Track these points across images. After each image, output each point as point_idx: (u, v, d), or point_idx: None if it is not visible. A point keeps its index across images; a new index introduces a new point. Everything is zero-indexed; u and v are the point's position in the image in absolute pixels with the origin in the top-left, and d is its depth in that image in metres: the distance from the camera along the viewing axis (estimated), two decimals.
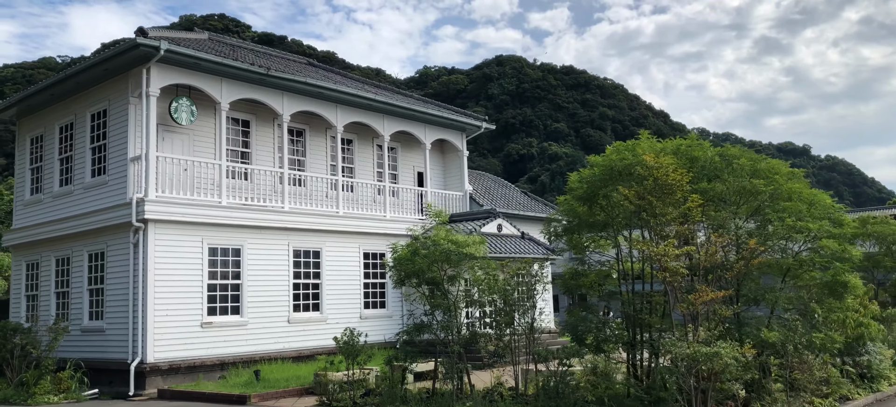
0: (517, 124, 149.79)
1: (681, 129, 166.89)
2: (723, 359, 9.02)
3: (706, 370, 9.38)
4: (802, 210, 11.24)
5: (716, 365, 9.07)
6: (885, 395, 12.56)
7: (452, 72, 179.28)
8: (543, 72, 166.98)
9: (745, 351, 9.70)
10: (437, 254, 12.41)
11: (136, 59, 17.56)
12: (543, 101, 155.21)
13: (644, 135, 12.38)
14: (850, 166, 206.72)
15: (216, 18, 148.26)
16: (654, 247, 9.97)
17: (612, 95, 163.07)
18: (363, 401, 13.26)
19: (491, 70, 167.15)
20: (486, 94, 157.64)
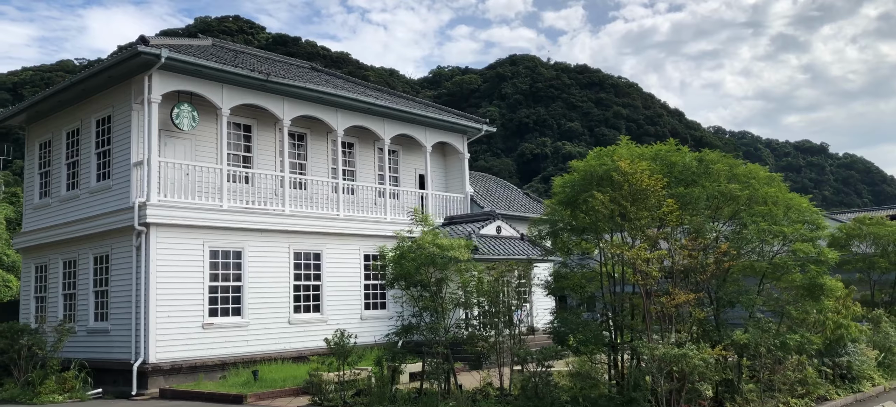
0: (531, 124, 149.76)
1: (696, 128, 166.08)
2: (691, 360, 9.25)
3: (677, 371, 9.62)
4: (778, 214, 11.42)
5: (685, 366, 9.30)
6: (865, 395, 12.70)
7: (466, 72, 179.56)
8: (557, 71, 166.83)
9: (716, 352, 9.92)
10: (422, 257, 12.72)
11: (138, 67, 18.00)
12: (557, 101, 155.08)
13: (624, 140, 12.62)
14: (869, 164, 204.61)
15: (231, 20, 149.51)
16: (627, 250, 10.21)
17: (626, 94, 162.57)
18: (354, 400, 13.59)
19: (504, 70, 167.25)
20: (499, 93, 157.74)
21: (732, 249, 11.11)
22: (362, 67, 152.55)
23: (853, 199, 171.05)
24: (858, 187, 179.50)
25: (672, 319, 10.36)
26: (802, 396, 11.45)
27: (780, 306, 11.47)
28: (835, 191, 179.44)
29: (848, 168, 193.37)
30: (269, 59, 25.70)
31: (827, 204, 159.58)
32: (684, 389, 9.69)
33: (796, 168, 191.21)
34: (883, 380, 14.07)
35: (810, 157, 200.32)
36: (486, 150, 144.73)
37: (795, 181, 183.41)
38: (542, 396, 10.83)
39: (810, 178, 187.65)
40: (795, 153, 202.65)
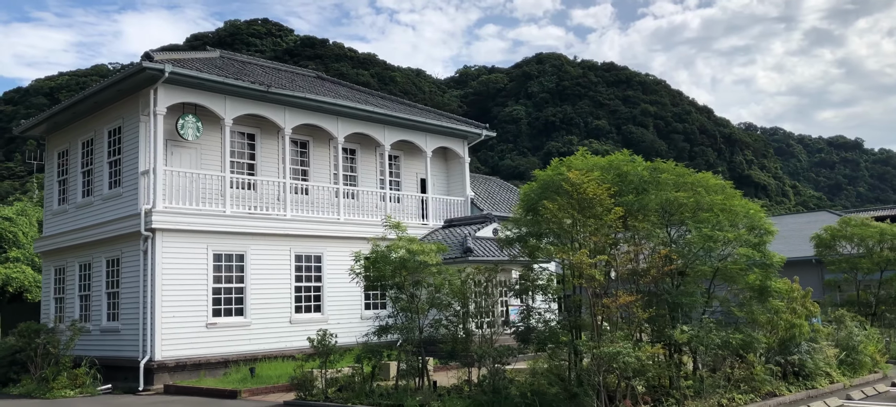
0: (557, 122, 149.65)
1: (725, 125, 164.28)
2: (625, 358, 9.94)
3: (617, 368, 10.32)
4: (723, 221, 12.01)
5: (620, 364, 10.00)
6: (818, 392, 13.18)
7: (492, 71, 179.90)
8: (584, 69, 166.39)
9: (655, 351, 10.58)
10: (395, 261, 13.55)
11: (145, 81, 19.12)
12: (584, 99, 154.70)
13: (581, 151, 13.30)
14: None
15: (260, 23, 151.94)
16: (573, 255, 10.92)
17: (654, 91, 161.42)
18: (336, 395, 14.49)
19: (531, 68, 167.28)
20: (526, 92, 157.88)
21: (674, 254, 11.74)
22: (389, 68, 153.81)
23: (889, 195, 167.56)
24: (895, 183, 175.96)
25: (619, 320, 11.03)
26: (747, 393, 12.02)
27: (728, 308, 12.06)
28: (870, 187, 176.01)
29: (884, 164, 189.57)
30: (275, 70, 26.75)
31: (861, 200, 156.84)
32: (621, 386, 10.38)
33: (830, 164, 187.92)
34: (843, 378, 14.53)
35: (844, 153, 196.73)
36: (513, 148, 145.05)
37: (829, 178, 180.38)
38: (498, 391, 11.61)
39: (844, 174, 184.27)
40: (829, 149, 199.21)
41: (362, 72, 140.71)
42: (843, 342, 15.46)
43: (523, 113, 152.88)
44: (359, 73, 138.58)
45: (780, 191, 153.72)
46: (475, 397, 11.99)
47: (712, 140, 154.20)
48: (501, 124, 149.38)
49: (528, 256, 13.56)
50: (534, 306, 13.01)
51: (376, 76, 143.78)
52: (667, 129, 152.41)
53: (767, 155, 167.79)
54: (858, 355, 15.36)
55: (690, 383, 11.21)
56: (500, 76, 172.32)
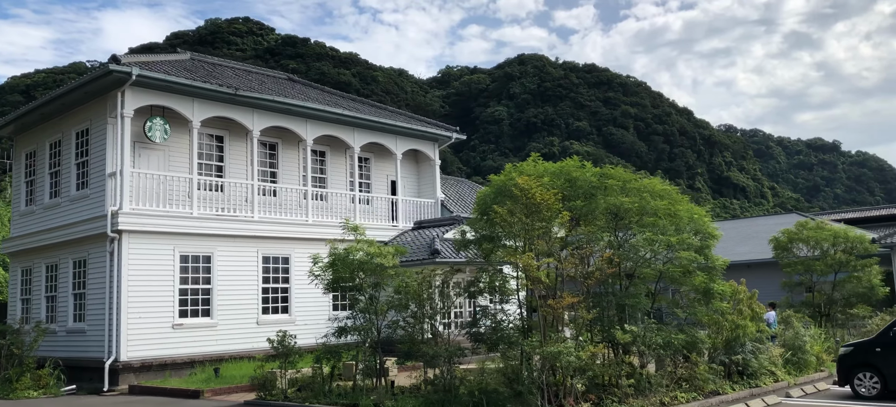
0: (539, 123, 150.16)
1: (705, 127, 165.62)
2: (566, 357, 10.29)
3: (560, 367, 10.67)
4: (666, 225, 12.40)
5: (561, 363, 10.34)
6: (761, 391, 13.61)
7: (474, 71, 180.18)
8: (565, 70, 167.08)
9: (597, 350, 10.95)
10: (353, 263, 13.83)
11: (112, 84, 19.24)
12: (565, 100, 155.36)
13: (533, 157, 13.64)
14: (882, 162, 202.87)
15: (241, 22, 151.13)
16: (519, 257, 11.26)
17: (635, 93, 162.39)
18: (295, 395, 14.74)
19: (513, 69, 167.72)
20: (507, 93, 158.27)
21: (617, 257, 12.12)
22: (371, 68, 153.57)
23: (866, 197, 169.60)
24: (871, 185, 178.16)
25: (565, 320, 11.37)
26: (691, 391, 12.41)
27: (672, 309, 12.45)
28: (847, 189, 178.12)
29: (860, 166, 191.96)
30: (247, 72, 26.90)
31: (839, 202, 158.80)
32: (565, 384, 10.73)
33: (808, 166, 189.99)
34: (788, 376, 14.98)
35: (822, 155, 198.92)
36: (494, 149, 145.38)
37: (807, 179, 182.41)
38: (449, 391, 11.93)
39: (822, 176, 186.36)
40: (807, 151, 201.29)
41: (344, 71, 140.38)
42: (790, 342, 15.93)
43: (505, 114, 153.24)
44: (340, 73, 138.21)
45: (759, 192, 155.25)
46: (428, 396, 12.30)
47: (692, 142, 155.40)
48: (483, 125, 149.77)
49: (483, 258, 13.88)
50: (488, 307, 13.32)
51: (358, 76, 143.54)
52: (647, 131, 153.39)
53: (746, 157, 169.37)
54: (804, 355, 15.82)
55: (632, 382, 11.57)
56: (483, 77, 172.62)
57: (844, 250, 20.68)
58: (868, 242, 21.06)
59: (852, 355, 13.67)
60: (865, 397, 13.33)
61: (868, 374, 13.34)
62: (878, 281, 20.22)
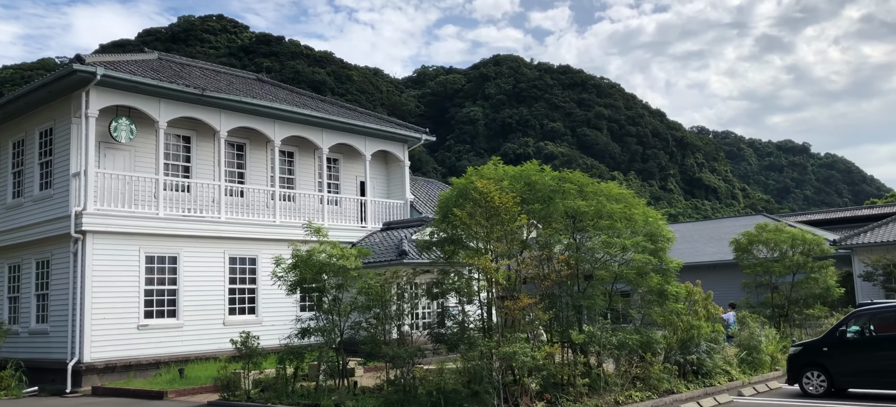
0: (514, 124, 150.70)
1: (677, 128, 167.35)
2: (521, 357, 10.52)
3: (515, 367, 10.90)
4: (621, 228, 12.69)
5: (517, 362, 10.57)
6: (715, 390, 13.97)
7: (450, 71, 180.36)
8: (540, 71, 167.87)
9: (553, 351, 11.19)
10: (315, 265, 13.94)
11: (76, 83, 19.12)
12: (540, 101, 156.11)
13: (493, 160, 13.87)
14: (850, 164, 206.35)
15: (214, 19, 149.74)
16: (477, 259, 11.47)
17: (608, 94, 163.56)
18: (258, 395, 14.82)
19: (488, 69, 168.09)
20: (483, 93, 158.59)
21: (572, 259, 12.38)
22: (346, 67, 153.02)
23: (834, 198, 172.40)
24: (839, 187, 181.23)
25: (522, 321, 11.60)
26: (645, 390, 12.70)
27: (626, 310, 12.74)
28: (816, 190, 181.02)
29: (829, 168, 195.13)
30: (215, 72, 26.83)
31: (808, 203, 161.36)
32: (521, 383, 10.95)
33: (778, 168, 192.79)
34: (743, 376, 15.37)
35: (792, 157, 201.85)
36: (470, 149, 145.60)
37: (777, 181, 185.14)
38: (408, 390, 12.11)
39: (792, 177, 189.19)
40: (778, 153, 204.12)
41: (318, 70, 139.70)
42: (745, 342, 16.33)
43: (480, 114, 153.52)
44: (315, 72, 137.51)
45: (730, 193, 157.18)
46: (388, 397, 12.46)
47: (665, 143, 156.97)
48: (458, 125, 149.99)
49: (445, 259, 14.06)
50: (450, 308, 13.51)
51: (333, 75, 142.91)
52: (620, 132, 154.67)
53: (718, 158, 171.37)
54: (759, 355, 16.22)
55: (587, 381, 11.83)
56: (458, 77, 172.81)
57: (802, 252, 21.18)
58: (825, 245, 21.60)
59: (801, 355, 14.09)
60: (813, 395, 13.74)
61: (816, 373, 13.76)
62: (833, 282, 20.76)
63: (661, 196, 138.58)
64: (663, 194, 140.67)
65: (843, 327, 13.91)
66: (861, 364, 13.37)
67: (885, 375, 13.05)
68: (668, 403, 12.45)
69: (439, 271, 13.88)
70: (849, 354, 13.51)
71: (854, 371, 13.44)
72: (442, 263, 14.07)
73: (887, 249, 31.98)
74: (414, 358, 12.57)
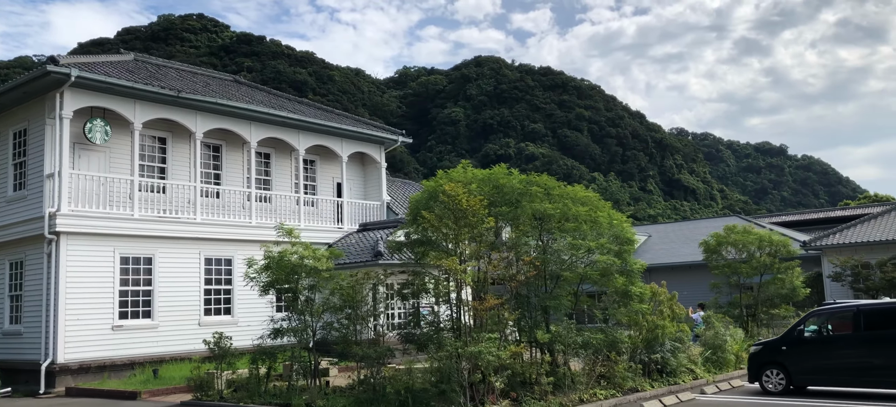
0: (495, 125, 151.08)
1: (656, 130, 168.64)
2: (486, 356, 10.79)
3: (481, 365, 11.17)
4: (586, 230, 13.01)
5: (482, 361, 10.84)
6: (679, 388, 14.33)
7: (432, 72, 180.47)
8: (521, 73, 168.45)
9: (519, 350, 11.48)
10: (287, 266, 14.13)
11: (51, 84, 19.15)
12: (521, 102, 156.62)
13: (462, 163, 14.14)
14: (826, 166, 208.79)
15: (194, 18, 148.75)
16: (444, 261, 11.73)
17: (589, 96, 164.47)
18: (231, 395, 14.97)
19: (469, 71, 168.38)
20: (464, 94, 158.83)
21: (538, 261, 12.68)
22: (328, 67, 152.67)
23: (811, 199, 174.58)
24: (816, 188, 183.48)
25: (488, 321, 11.88)
26: (610, 388, 13.03)
27: (591, 310, 13.07)
28: (793, 191, 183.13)
29: (806, 169, 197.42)
30: (192, 73, 26.86)
31: (785, 204, 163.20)
32: (486, 382, 11.23)
33: (756, 169, 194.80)
34: (707, 374, 15.77)
35: (770, 159, 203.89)
36: (451, 150, 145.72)
37: (755, 182, 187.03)
38: (377, 389, 12.35)
39: (770, 179, 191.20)
40: (756, 155, 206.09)
41: (300, 70, 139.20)
42: (711, 341, 16.73)
43: (462, 115, 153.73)
44: (296, 72, 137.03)
45: (709, 194, 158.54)
46: (357, 396, 12.69)
47: (644, 144, 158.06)
48: (440, 126, 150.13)
49: (416, 261, 14.30)
50: (420, 309, 13.74)
51: (314, 75, 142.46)
52: (600, 134, 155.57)
53: (696, 159, 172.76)
54: (724, 353, 16.62)
55: (552, 380, 12.12)
56: (440, 78, 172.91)
57: (769, 254, 21.65)
58: (791, 246, 22.08)
59: (761, 354, 14.50)
60: (772, 393, 14.15)
61: (775, 371, 14.17)
62: (799, 283, 21.24)
63: (641, 197, 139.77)
64: (643, 195, 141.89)
65: (800, 327, 14.34)
66: (817, 362, 13.80)
67: (838, 373, 13.51)
68: (631, 401, 12.77)
69: (410, 273, 14.11)
70: (806, 352, 13.94)
71: (811, 369, 13.87)
72: (413, 265, 14.30)
73: (855, 250, 32.71)
74: (383, 358, 12.80)
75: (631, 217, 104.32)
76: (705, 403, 13.32)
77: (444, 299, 13.85)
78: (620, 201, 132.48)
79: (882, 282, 31.22)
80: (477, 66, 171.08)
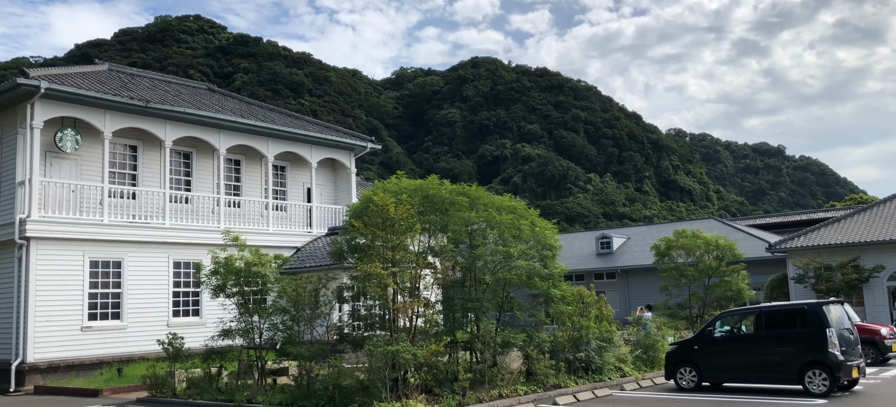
0: (491, 126, 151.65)
1: (653, 131, 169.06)
2: (403, 355, 11.66)
3: (402, 363, 12.04)
4: (508, 237, 13.85)
5: (400, 360, 11.72)
6: (603, 384, 15.18)
7: (429, 73, 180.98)
8: (518, 74, 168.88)
9: (437, 348, 12.35)
10: (233, 270, 15.00)
11: (22, 96, 20.04)
12: (517, 103, 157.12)
13: (398, 174, 14.98)
14: (824, 167, 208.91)
15: (191, 19, 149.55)
16: (369, 266, 12.59)
17: (585, 97, 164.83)
18: (183, 392, 15.86)
19: (466, 72, 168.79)
20: (461, 95, 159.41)
21: (459, 267, 13.54)
22: (324, 68, 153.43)
23: (808, 200, 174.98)
24: (813, 189, 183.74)
25: (415, 322, 12.75)
26: (531, 383, 13.86)
27: (512, 311, 13.93)
28: (791, 192, 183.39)
29: (803, 170, 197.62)
30: (165, 82, 27.74)
31: (783, 205, 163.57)
32: (405, 379, 12.09)
33: (754, 170, 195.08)
34: (637, 372, 16.61)
35: (768, 160, 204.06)
36: (448, 151, 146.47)
37: (753, 183, 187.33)
38: (310, 386, 13.23)
39: (767, 179, 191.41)
40: (753, 155, 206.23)
41: (296, 72, 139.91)
42: (643, 341, 17.57)
43: (458, 116, 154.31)
44: (293, 73, 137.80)
45: (705, 195, 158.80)
46: (292, 391, 13.57)
47: (640, 146, 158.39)
48: (437, 127, 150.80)
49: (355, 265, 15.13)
50: (359, 310, 14.60)
51: (311, 76, 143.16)
52: (597, 135, 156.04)
53: (693, 160, 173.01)
54: (656, 353, 17.47)
55: (470, 376, 12.98)
56: (436, 79, 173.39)
57: (716, 257, 22.47)
58: (736, 250, 22.89)
59: (676, 353, 15.36)
60: (685, 389, 15.00)
61: (688, 368, 15.02)
62: (744, 285, 22.05)
63: (637, 198, 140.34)
64: (639, 196, 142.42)
65: (710, 328, 15.21)
66: (725, 360, 14.67)
67: (743, 370, 14.41)
68: (549, 397, 13.60)
69: (350, 277, 14.97)
70: (715, 351, 14.80)
71: (719, 367, 14.74)
72: (351, 268, 15.14)
73: (818, 252, 33.53)
74: (317, 357, 13.67)
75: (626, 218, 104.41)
76: (619, 397, 14.17)
77: (376, 302, 14.73)
78: (616, 202, 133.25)
79: (841, 283, 32.08)
80: (473, 67, 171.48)
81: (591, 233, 58.36)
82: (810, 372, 13.37)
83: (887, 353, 19.12)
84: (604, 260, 49.30)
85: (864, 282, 32.15)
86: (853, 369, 13.38)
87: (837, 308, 14.38)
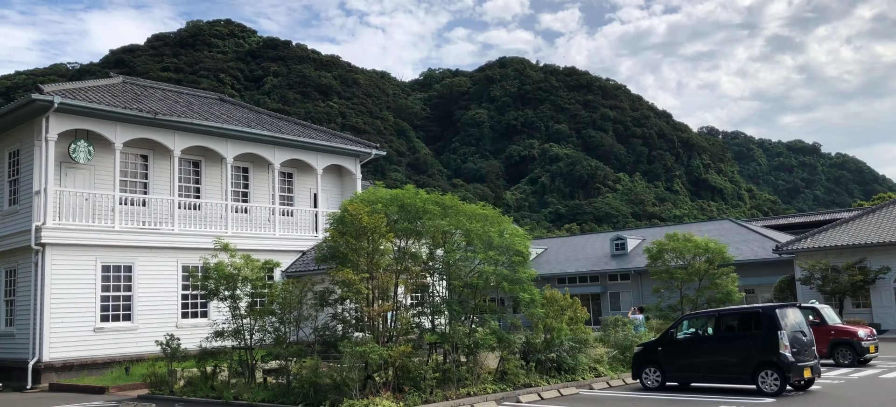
0: (519, 126, 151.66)
1: (683, 130, 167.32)
2: (370, 355, 12.44)
3: (371, 363, 12.84)
4: (478, 244, 14.52)
5: (368, 359, 12.51)
6: (575, 383, 15.74)
7: (456, 74, 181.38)
8: (545, 73, 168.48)
9: (404, 349, 13.12)
10: (223, 275, 15.94)
11: (37, 110, 21.30)
12: (545, 103, 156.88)
13: (376, 184, 15.77)
14: (861, 164, 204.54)
15: (222, 24, 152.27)
16: (341, 273, 13.40)
17: (614, 96, 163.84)
18: (180, 389, 16.86)
19: (494, 72, 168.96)
20: (488, 95, 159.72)
21: (427, 273, 14.26)
22: (353, 70, 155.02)
23: (845, 198, 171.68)
24: (850, 187, 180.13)
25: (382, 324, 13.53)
26: (502, 382, 14.52)
27: (483, 315, 14.62)
28: (826, 190, 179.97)
29: (840, 168, 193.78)
30: (177, 93, 28.94)
31: (818, 203, 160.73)
32: (373, 378, 12.88)
33: (788, 168, 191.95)
34: (610, 371, 17.16)
35: (802, 157, 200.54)
36: (475, 151, 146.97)
37: (787, 181, 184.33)
38: (289, 383, 14.09)
39: (802, 177, 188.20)
40: (787, 153, 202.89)
41: (325, 74, 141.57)
42: (620, 343, 18.10)
43: (486, 116, 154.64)
44: (321, 75, 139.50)
45: (737, 194, 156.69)
46: (273, 389, 14.44)
47: (670, 144, 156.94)
48: (464, 128, 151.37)
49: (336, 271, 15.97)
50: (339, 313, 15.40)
51: (339, 78, 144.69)
52: (626, 134, 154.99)
53: (724, 159, 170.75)
54: (632, 353, 17.95)
55: (437, 375, 13.71)
56: (464, 79, 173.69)
57: (706, 260, 22.82)
58: (726, 253, 23.21)
59: (642, 354, 15.89)
60: (650, 388, 15.54)
61: (652, 368, 15.55)
62: (734, 288, 22.35)
63: (667, 197, 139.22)
64: (669, 195, 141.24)
65: (673, 329, 15.71)
66: (686, 361, 15.18)
67: (702, 370, 14.93)
68: (515, 395, 14.25)
69: (330, 281, 15.80)
70: (677, 352, 15.30)
71: (680, 367, 15.25)
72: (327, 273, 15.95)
73: (825, 253, 33.58)
74: (297, 356, 14.53)
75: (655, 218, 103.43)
76: (585, 396, 14.76)
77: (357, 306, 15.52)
78: (645, 202, 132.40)
79: (847, 284, 32.10)
80: (501, 67, 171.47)
81: (606, 234, 58.66)
82: (763, 372, 13.84)
83: (865, 354, 19.35)
84: (618, 261, 49.60)
85: (871, 283, 32.17)
86: (806, 370, 13.81)
87: (794, 311, 14.81)
